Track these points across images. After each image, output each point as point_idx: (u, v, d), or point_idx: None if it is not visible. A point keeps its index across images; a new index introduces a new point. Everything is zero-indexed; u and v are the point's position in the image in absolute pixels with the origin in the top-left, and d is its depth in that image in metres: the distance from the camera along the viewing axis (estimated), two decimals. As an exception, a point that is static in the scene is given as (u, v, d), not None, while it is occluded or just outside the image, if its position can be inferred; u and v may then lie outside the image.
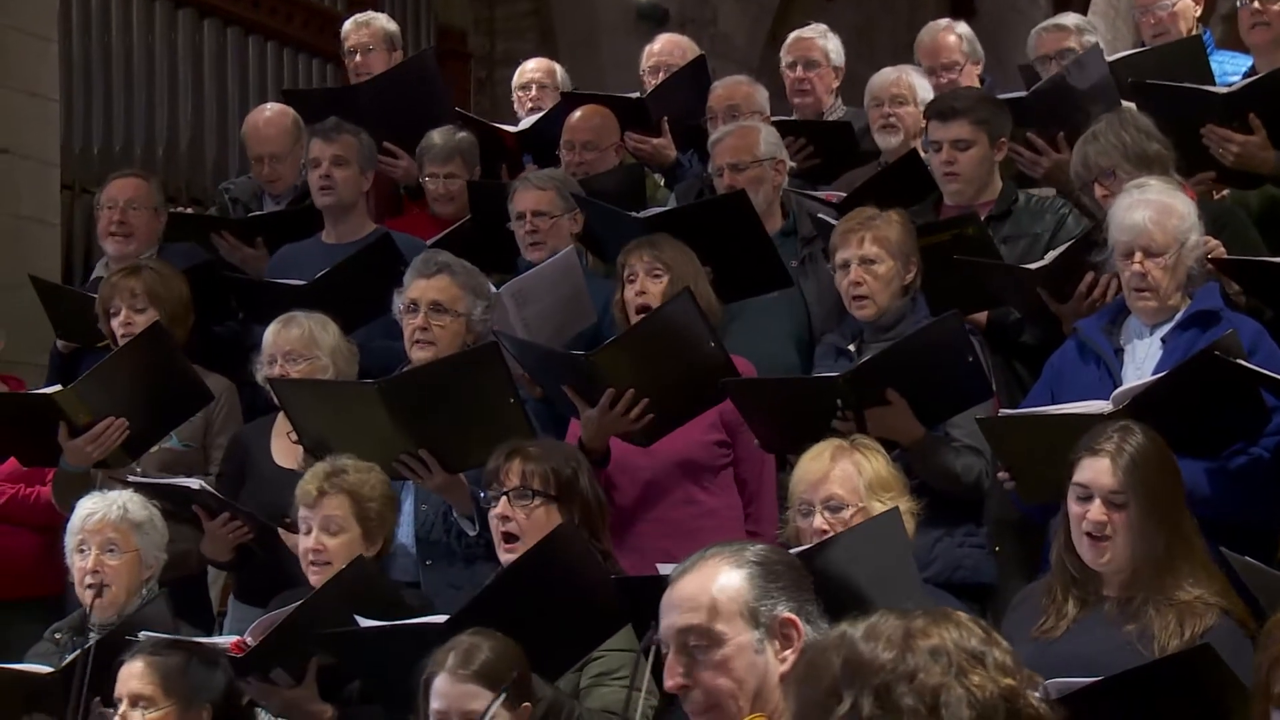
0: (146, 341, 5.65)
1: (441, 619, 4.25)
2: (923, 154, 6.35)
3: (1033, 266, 5.43)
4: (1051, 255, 5.43)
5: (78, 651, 4.83)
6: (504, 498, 4.55)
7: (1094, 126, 5.52)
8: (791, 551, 3.41)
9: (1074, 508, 4.04)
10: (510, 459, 4.59)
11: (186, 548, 5.60)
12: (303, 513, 4.78)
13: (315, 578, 4.73)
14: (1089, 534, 4.01)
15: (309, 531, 4.76)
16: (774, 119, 6.89)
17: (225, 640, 4.59)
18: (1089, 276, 5.27)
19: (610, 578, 4.38)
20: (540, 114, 7.70)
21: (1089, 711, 3.58)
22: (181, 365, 5.69)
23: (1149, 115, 5.53)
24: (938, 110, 6.02)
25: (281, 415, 5.55)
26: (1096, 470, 4.01)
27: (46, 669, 4.80)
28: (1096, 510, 3.99)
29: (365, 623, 4.34)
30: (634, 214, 6.19)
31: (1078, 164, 5.53)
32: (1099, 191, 5.40)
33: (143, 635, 4.55)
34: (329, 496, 4.74)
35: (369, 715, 4.56)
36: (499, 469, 4.60)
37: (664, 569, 3.65)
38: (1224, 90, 5.78)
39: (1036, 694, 2.28)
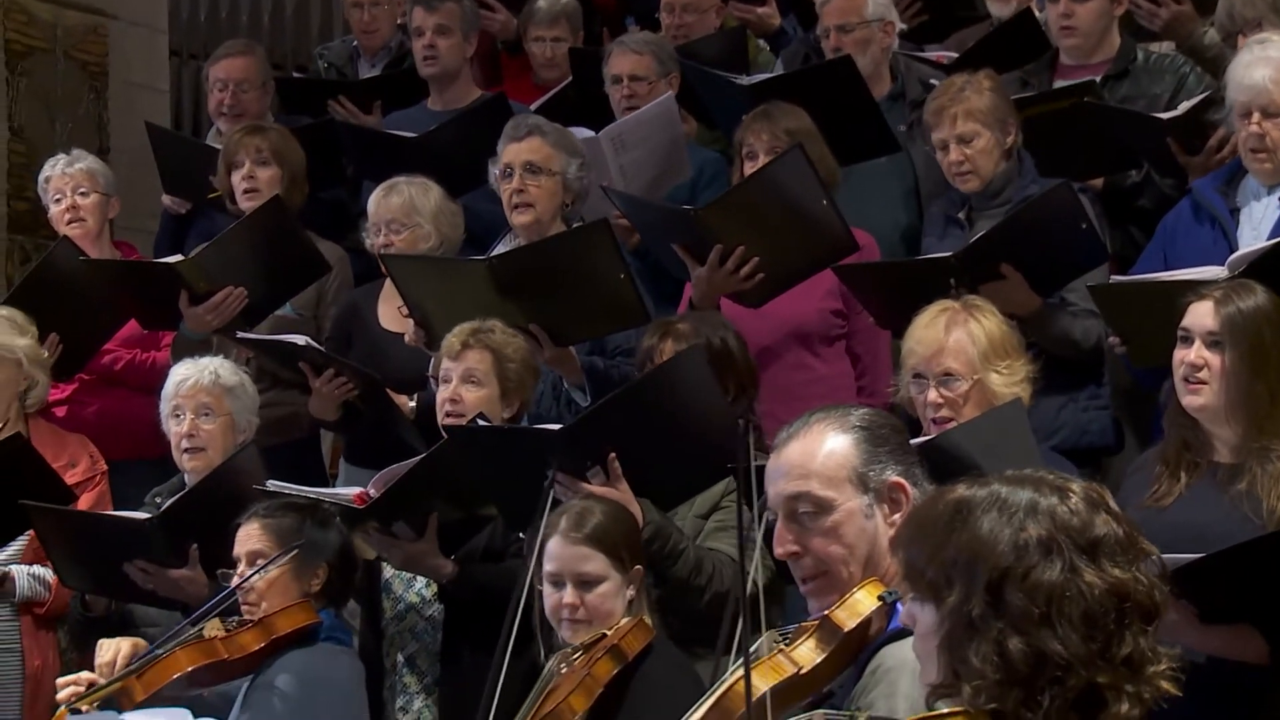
0: (268, 213, 5.71)
1: (556, 427, 4.32)
2: (1037, 12, 6.23)
3: (1164, 116, 5.33)
4: (1184, 105, 5.33)
5: (176, 497, 4.96)
6: None
7: None
8: (913, 441, 3.38)
9: (1176, 354, 4.00)
10: (664, 339, 4.63)
11: (295, 410, 5.69)
12: (445, 364, 4.80)
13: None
14: (1184, 378, 3.96)
15: (448, 382, 4.79)
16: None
17: (348, 493, 4.66)
18: (1220, 131, 5.16)
19: (731, 415, 4.38)
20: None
21: (1196, 585, 3.56)
22: (301, 236, 5.75)
23: None
24: (1057, -41, 5.88)
25: (390, 282, 5.59)
26: (1198, 313, 3.97)
27: (145, 515, 4.91)
28: (1194, 352, 3.95)
29: (483, 422, 4.43)
30: (739, 80, 6.13)
31: (1223, 15, 5.40)
32: (1243, 45, 5.26)
33: (271, 484, 4.63)
34: (472, 350, 4.76)
35: (488, 571, 4.64)
36: (652, 349, 4.64)
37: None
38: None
39: (1151, 570, 2.25)
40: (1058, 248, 4.85)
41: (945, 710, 2.20)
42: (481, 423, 4.48)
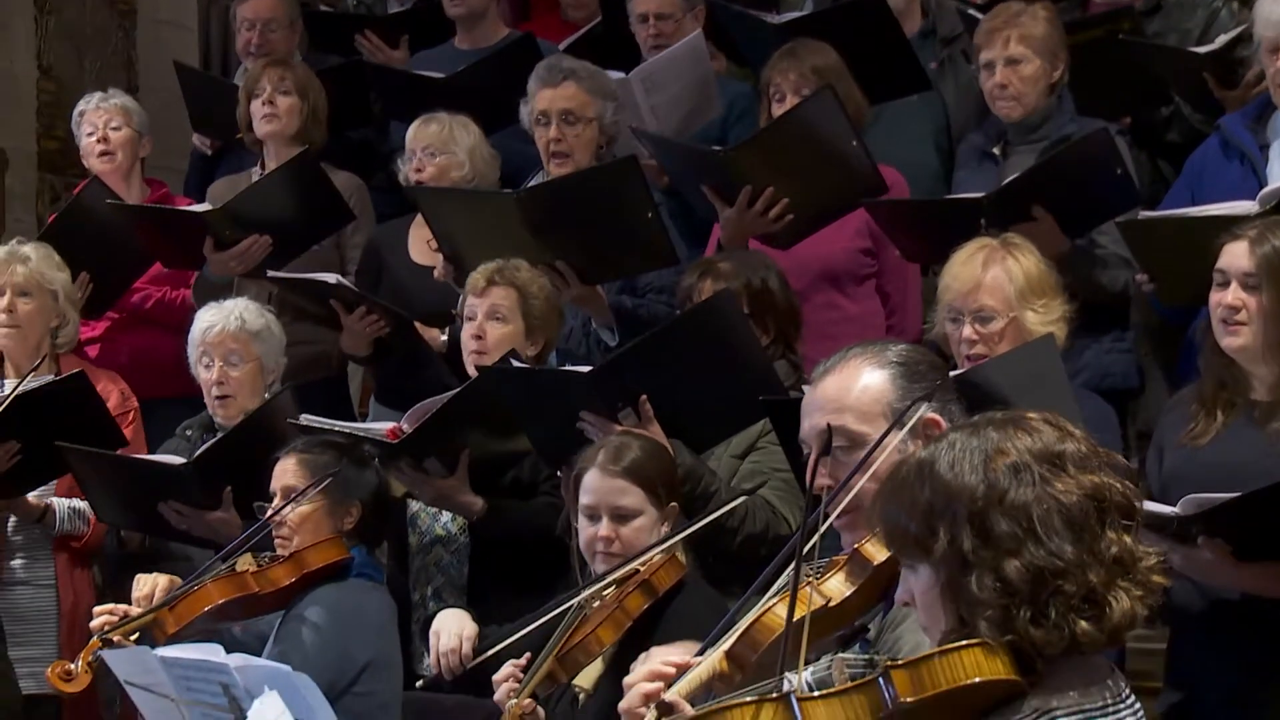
0: (298, 165, 5.72)
1: (585, 369, 4.34)
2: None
3: (1200, 50, 5.30)
4: (1222, 39, 5.29)
5: (209, 443, 5.01)
6: None
7: None
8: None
9: (1213, 296, 3.97)
10: (704, 278, 4.64)
11: (323, 349, 5.71)
12: (470, 301, 4.84)
13: (473, 364, 4.80)
14: (1223, 320, 3.94)
15: (473, 319, 4.81)
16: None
17: (381, 427, 4.69)
18: (1256, 67, 5.13)
19: (765, 356, 4.40)
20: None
21: (1231, 523, 3.57)
22: (328, 188, 5.76)
23: None
24: (1087, -109, 5.84)
25: (420, 215, 5.60)
26: (1234, 254, 3.93)
27: (180, 460, 4.95)
28: (1231, 294, 3.91)
29: (517, 363, 4.47)
30: (769, 19, 6.11)
31: None
32: None
33: (305, 418, 4.66)
34: (497, 287, 4.80)
35: (518, 508, 4.68)
36: (692, 288, 4.66)
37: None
38: None
39: (1121, 480, 2.31)
40: (1091, 192, 4.83)
41: (964, 642, 2.23)
42: (514, 363, 4.49)
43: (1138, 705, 2.33)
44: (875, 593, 2.83)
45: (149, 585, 4.32)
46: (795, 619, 2.53)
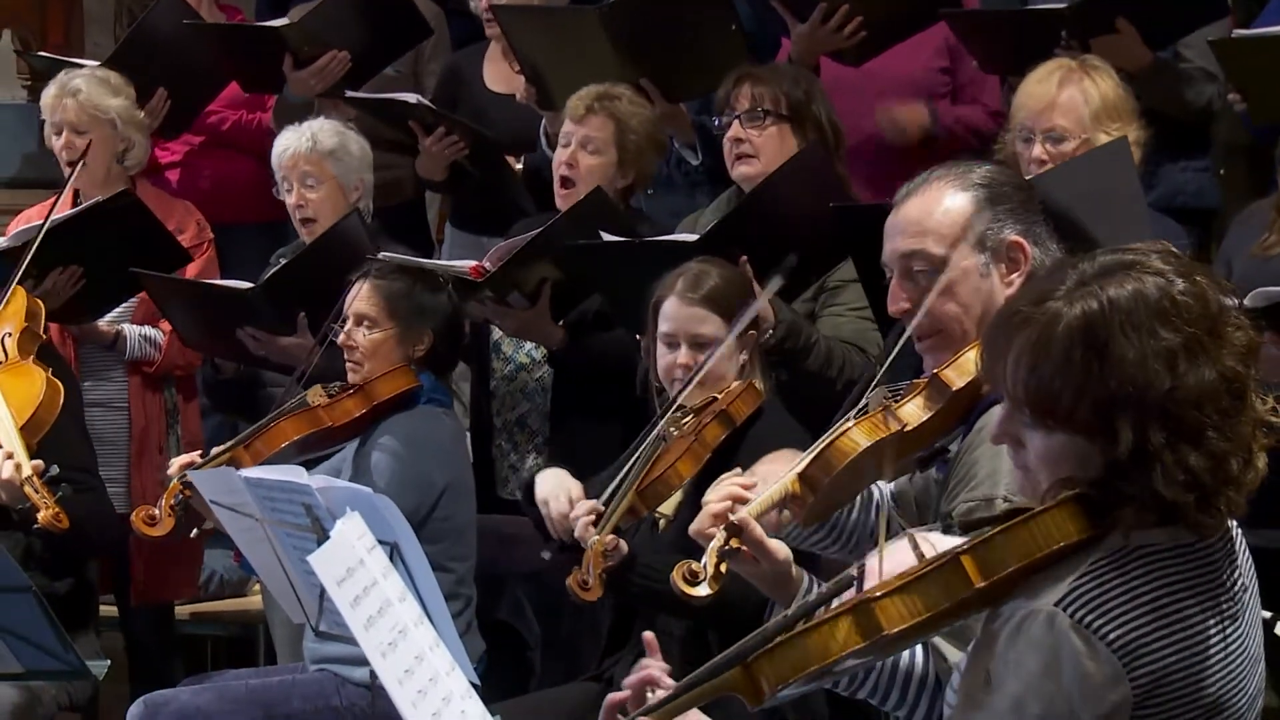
0: None
1: (691, 238, 4.29)
2: None
3: None
4: None
5: (280, 265, 5.01)
6: (735, 121, 4.54)
7: None
8: None
9: None
10: (740, 83, 4.57)
11: (399, 174, 5.69)
12: (566, 126, 4.77)
13: (562, 199, 4.76)
14: None
15: (567, 145, 4.76)
16: None
17: (464, 265, 4.67)
18: None
19: (850, 196, 4.37)
20: None
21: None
22: None
23: None
24: None
25: (494, 41, 5.54)
26: None
27: (248, 284, 4.93)
28: None
29: (609, 238, 4.40)
30: None
31: None
32: None
33: (383, 255, 4.62)
34: (595, 116, 4.72)
35: (598, 339, 4.67)
36: (729, 94, 4.58)
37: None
38: None
39: (1236, 306, 2.20)
40: (1175, 1, 4.72)
41: (1041, 508, 2.16)
42: (606, 238, 4.40)
43: (1236, 536, 2.25)
44: (953, 418, 2.83)
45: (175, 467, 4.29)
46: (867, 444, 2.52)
